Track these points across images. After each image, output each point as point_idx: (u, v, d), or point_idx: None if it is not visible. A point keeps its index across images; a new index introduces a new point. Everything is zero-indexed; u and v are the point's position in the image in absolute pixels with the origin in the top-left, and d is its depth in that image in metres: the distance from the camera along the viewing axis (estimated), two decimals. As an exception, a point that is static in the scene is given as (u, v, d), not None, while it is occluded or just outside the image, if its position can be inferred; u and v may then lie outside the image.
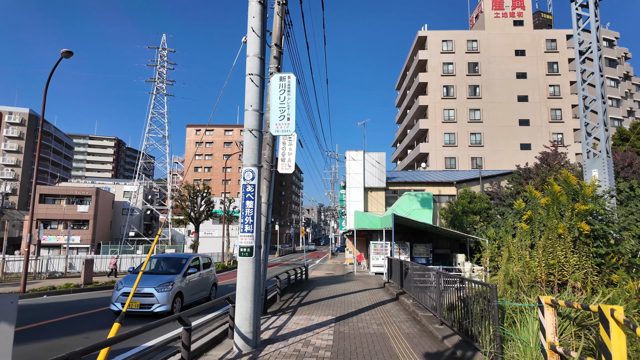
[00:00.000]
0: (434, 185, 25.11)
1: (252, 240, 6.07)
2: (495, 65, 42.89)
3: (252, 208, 6.13)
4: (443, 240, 23.42)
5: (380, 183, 24.56)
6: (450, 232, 17.71)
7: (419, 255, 21.97)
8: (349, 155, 24.58)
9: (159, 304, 8.44)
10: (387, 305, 10.56)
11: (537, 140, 41.29)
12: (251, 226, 6.10)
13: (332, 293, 13.10)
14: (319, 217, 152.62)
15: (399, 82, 56.79)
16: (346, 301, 11.24)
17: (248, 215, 6.12)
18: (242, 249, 6.08)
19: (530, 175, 22.69)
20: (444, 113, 42.09)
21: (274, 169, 9.55)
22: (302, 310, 9.68)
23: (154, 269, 9.94)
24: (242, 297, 5.95)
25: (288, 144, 9.55)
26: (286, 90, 6.45)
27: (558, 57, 42.90)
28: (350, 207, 24.50)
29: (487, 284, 5.10)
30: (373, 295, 12.50)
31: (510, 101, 42.21)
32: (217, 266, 22.20)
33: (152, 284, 8.64)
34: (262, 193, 9.39)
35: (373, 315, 8.99)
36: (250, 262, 6.03)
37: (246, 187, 6.17)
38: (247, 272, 6.00)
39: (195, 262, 10.42)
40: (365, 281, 17.83)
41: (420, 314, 8.61)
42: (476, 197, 23.15)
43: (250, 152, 6.24)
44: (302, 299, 11.69)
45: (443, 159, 40.93)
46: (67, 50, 14.84)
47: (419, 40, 44.82)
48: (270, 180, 9.48)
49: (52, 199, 45.08)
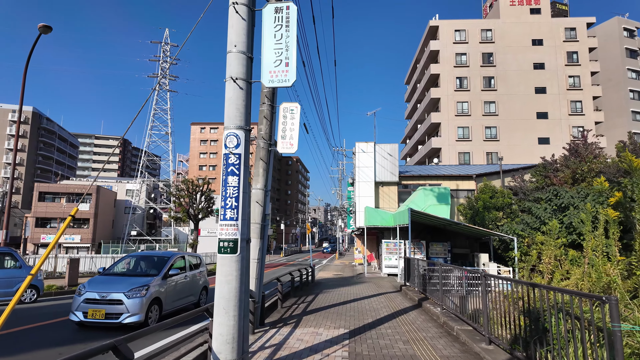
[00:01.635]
0: (451, 179, 23.22)
1: (236, 231, 4.35)
2: (511, 56, 40.77)
3: (236, 187, 4.41)
4: (461, 239, 21.54)
5: (392, 177, 22.74)
6: (476, 229, 15.85)
7: (436, 255, 20.12)
8: (358, 146, 22.80)
9: (129, 314, 6.77)
10: (410, 314, 8.79)
11: (555, 134, 39.14)
12: (235, 211, 4.38)
13: (343, 298, 11.36)
14: (326, 217, 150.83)
15: (409, 76, 54.82)
16: (360, 308, 9.48)
17: (231, 197, 4.41)
18: (222, 243, 4.37)
19: (557, 168, 20.76)
20: (457, 106, 40.08)
21: (272, 148, 7.84)
22: (308, 320, 7.96)
23: (127, 269, 8.28)
24: (221, 312, 4.24)
25: (290, 118, 7.83)
26: (284, 25, 4.71)
27: (578, 47, 40.64)
28: (360, 203, 22.71)
29: (596, 296, 3.29)
30: (390, 301, 10.73)
31: (527, 93, 40.07)
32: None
33: (121, 288, 6.98)
34: (259, 177, 7.69)
35: (396, 329, 7.23)
36: (234, 262, 4.32)
37: (228, 158, 4.46)
38: (230, 275, 4.29)
39: (180, 262, 8.74)
40: (377, 283, 16.06)
41: (455, 327, 6.84)
42: (497, 192, 21.23)
43: (234, 109, 4.52)
44: (308, 305, 9.96)
45: (456, 154, 38.92)
46: (45, 25, 13.32)
47: (430, 31, 42.86)
48: (268, 162, 7.78)
49: (52, 197, 43.94)
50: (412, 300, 10.84)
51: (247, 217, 4.56)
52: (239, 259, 4.35)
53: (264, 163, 7.62)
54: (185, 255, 8.93)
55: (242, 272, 4.40)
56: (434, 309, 8.76)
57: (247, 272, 4.57)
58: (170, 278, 8.01)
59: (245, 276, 4.54)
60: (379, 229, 21.61)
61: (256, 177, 7.60)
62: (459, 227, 16.72)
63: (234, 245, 4.34)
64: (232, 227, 4.37)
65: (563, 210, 16.23)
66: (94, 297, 6.87)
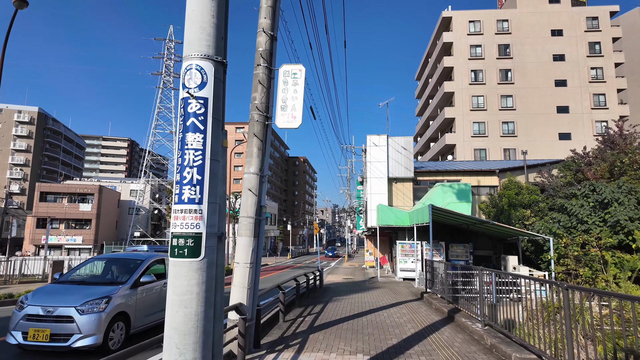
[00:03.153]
0: (471, 175, 21.34)
1: (198, 221, 2.70)
2: (528, 47, 38.68)
3: (199, 150, 2.76)
4: (483, 240, 19.67)
5: (407, 172, 20.96)
6: (508, 229, 14.00)
7: (457, 257, 18.31)
8: (369, 139, 21.07)
9: (81, 334, 5.16)
10: (443, 331, 7.05)
11: (577, 129, 36.96)
12: (197, 190, 2.73)
13: (357, 308, 9.65)
14: (333, 218, 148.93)
15: (419, 71, 52.91)
16: (379, 323, 7.77)
17: (191, 166, 2.76)
18: (175, 241, 2.72)
19: (590, 161, 18.81)
20: (472, 100, 38.10)
21: (269, 122, 6.20)
22: (316, 341, 6.28)
23: (89, 276, 6.68)
24: (173, 352, 2.59)
25: (292, 84, 6.18)
26: None
27: (600, 37, 38.39)
28: (372, 200, 20.97)
29: None
30: (414, 313, 9.00)
31: (547, 86, 37.93)
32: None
33: (73, 300, 5.38)
34: (252, 158, 6.04)
35: (431, 355, 5.51)
36: (194, 271, 2.66)
37: (187, 104, 2.81)
38: (187, 293, 2.63)
39: (158, 267, 7.11)
40: (394, 289, 14.33)
41: (514, 355, 5.10)
42: (524, 189, 19.34)
43: (197, 29, 2.87)
44: (316, 317, 8.28)
45: (472, 150, 36.93)
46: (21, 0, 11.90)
47: (443, 22, 40.97)
48: (265, 140, 6.13)
49: (54, 197, 42.93)
50: (440, 311, 9.10)
51: (220, 200, 2.91)
52: (202, 267, 2.69)
53: (258, 141, 5.97)
54: (165, 257, 7.32)
55: (209, 288, 2.73)
56: (472, 325, 7.03)
57: (218, 287, 2.91)
58: (143, 287, 6.39)
59: (216, 294, 2.88)
60: (392, 228, 19.86)
61: (249, 159, 5.96)
62: (486, 226, 14.89)
63: (194, 243, 2.69)
64: (193, 214, 2.72)
65: (604, 207, 14.32)
66: (37, 312, 5.28)
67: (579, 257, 13.53)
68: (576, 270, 13.35)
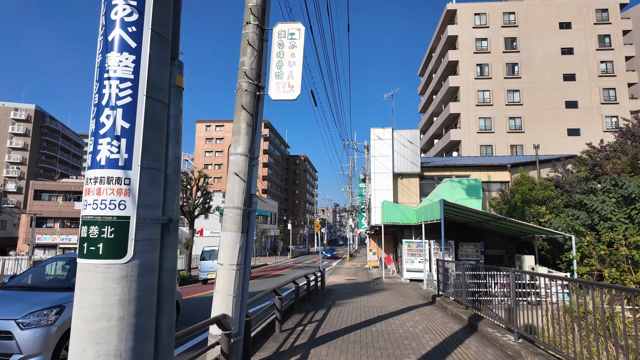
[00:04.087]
0: (481, 170, 20.23)
1: (122, 197, 1.61)
2: (536, 40, 37.51)
3: (129, 81, 1.67)
4: (494, 239, 18.55)
5: (413, 168, 19.85)
6: (528, 227, 12.85)
7: (467, 257, 17.22)
8: (373, 133, 19.97)
9: (22, 355, 4.09)
10: (469, 345, 5.96)
11: (587, 125, 35.80)
12: (120, 146, 1.64)
13: (363, 314, 8.57)
14: (334, 218, 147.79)
15: (423, 67, 51.77)
16: (391, 334, 6.69)
17: (114, 105, 1.66)
18: (85, 229, 1.64)
19: (608, 155, 17.71)
20: (477, 95, 36.96)
21: (261, 92, 5.11)
22: (318, 357, 5.20)
23: (42, 280, 5.58)
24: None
25: (289, 46, 5.09)
26: None
27: (610, 30, 37.21)
28: (376, 197, 19.88)
29: None
30: (429, 320, 7.91)
31: (555, 80, 36.77)
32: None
33: (14, 311, 4.31)
34: (240, 136, 4.94)
35: (462, 379, 4.43)
36: (116, 283, 1.57)
37: (111, 5, 1.72)
38: (101, 319, 1.55)
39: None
40: (401, 291, 13.26)
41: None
42: (537, 184, 18.24)
43: None
44: (318, 326, 7.21)
45: (477, 147, 35.79)
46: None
47: (447, 15, 39.83)
48: (255, 115, 5.04)
49: (48, 195, 41.91)
50: (458, 318, 8.01)
51: (169, 167, 1.82)
52: (129, 274, 1.60)
53: (247, 114, 4.88)
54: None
55: (142, 309, 1.64)
56: (502, 337, 5.94)
57: (164, 305, 1.82)
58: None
59: (160, 317, 1.79)
60: (398, 226, 18.76)
61: (236, 137, 4.87)
62: (501, 223, 13.78)
63: (115, 234, 1.60)
64: (114, 186, 1.63)
65: (629, 202, 13.21)
66: (-32, 326, 4.20)
67: (603, 257, 12.44)
68: (601, 271, 12.25)
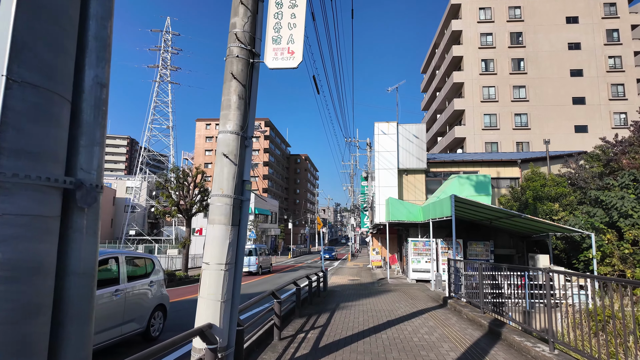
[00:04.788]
0: (490, 166, 19.43)
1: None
2: (542, 35, 36.68)
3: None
4: (504, 238, 17.77)
5: (419, 163, 19.06)
6: (547, 224, 12.00)
7: (476, 257, 16.43)
8: (377, 127, 19.19)
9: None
10: (496, 356, 5.18)
11: (594, 121, 34.96)
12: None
13: (371, 319, 7.80)
14: (335, 217, 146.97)
15: (426, 63, 50.96)
16: (404, 342, 5.91)
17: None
18: None
19: (624, 150, 16.93)
20: (482, 91, 36.14)
21: (256, 59, 4.33)
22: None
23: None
24: None
25: (288, 5, 4.31)
26: None
27: (619, 24, 36.35)
28: (380, 194, 19.10)
29: None
30: (445, 326, 7.13)
31: (562, 76, 35.94)
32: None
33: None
34: (230, 111, 4.12)
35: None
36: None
37: None
38: None
39: (110, 270, 5.25)
40: (408, 293, 12.49)
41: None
42: (549, 180, 17.45)
43: None
44: (321, 333, 6.43)
45: (483, 144, 34.98)
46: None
47: (451, 9, 39.03)
48: (249, 86, 4.26)
49: (45, 194, 41.15)
50: (477, 323, 7.24)
51: (87, 92, 1.04)
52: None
53: (239, 85, 4.09)
54: (121, 255, 5.45)
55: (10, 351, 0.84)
56: (533, 347, 5.17)
57: (74, 339, 1.04)
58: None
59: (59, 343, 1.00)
60: (403, 224, 17.99)
61: (226, 111, 4.09)
62: (514, 221, 12.97)
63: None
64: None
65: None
66: None
67: (625, 256, 11.66)
68: (623, 271, 11.48)
